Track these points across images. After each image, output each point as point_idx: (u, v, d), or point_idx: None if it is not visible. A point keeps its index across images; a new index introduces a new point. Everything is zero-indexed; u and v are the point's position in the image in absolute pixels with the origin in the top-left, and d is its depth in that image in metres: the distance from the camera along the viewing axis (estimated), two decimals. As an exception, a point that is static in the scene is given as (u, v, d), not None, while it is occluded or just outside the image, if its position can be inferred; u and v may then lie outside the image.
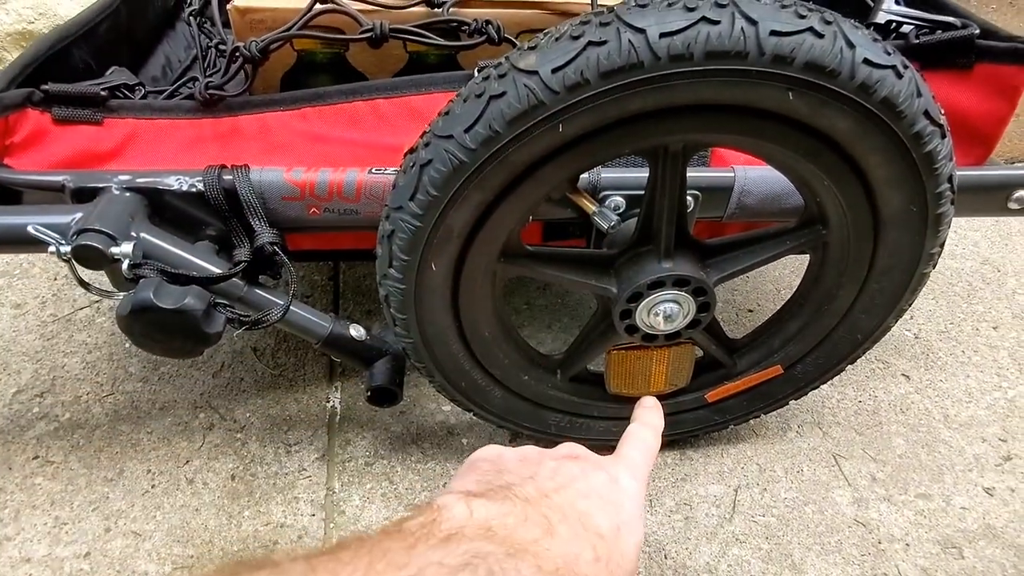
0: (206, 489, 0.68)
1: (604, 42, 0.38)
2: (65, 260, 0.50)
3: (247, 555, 0.63)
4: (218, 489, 0.68)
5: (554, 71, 0.39)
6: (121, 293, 0.54)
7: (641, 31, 0.38)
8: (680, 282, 0.52)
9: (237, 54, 0.55)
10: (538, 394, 0.63)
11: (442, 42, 0.58)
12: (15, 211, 0.54)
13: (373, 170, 0.55)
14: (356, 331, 0.63)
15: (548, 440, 0.71)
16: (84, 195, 0.54)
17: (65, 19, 1.51)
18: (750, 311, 0.90)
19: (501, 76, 0.40)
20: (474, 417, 0.66)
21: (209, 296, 0.51)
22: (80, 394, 0.78)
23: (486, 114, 0.40)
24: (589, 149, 0.43)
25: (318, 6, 0.58)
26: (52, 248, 0.50)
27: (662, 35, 0.38)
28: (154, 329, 0.50)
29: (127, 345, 0.83)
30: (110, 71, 0.66)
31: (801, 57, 0.39)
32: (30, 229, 0.50)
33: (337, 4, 0.57)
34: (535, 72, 0.39)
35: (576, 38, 0.39)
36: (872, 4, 0.60)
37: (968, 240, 1.00)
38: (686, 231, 0.53)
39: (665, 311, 0.53)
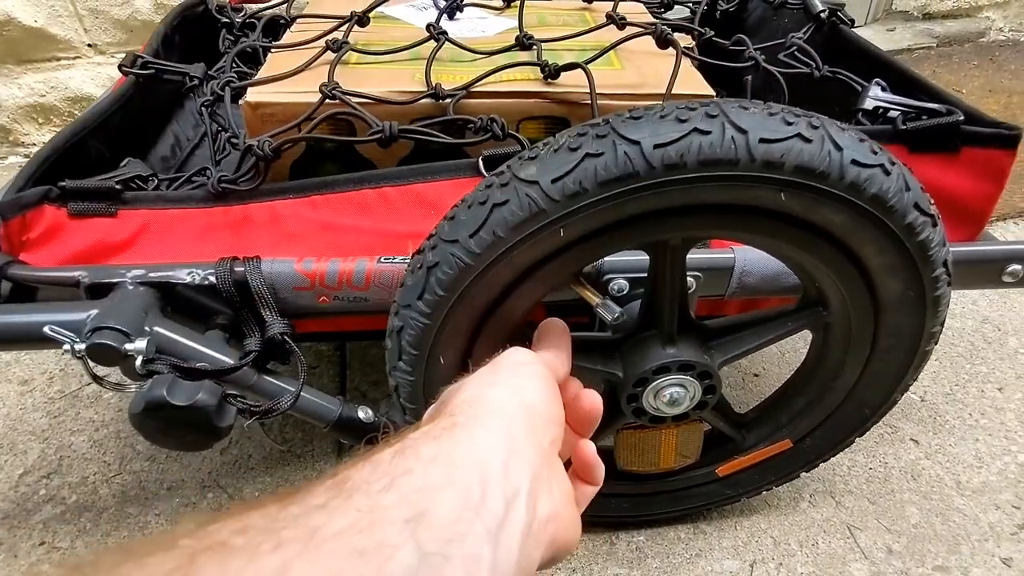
0: None
1: (600, 154, 0.40)
2: (79, 357, 0.51)
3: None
4: None
5: (554, 181, 0.40)
6: (133, 385, 0.55)
7: (636, 143, 0.40)
8: (685, 367, 0.53)
9: (251, 153, 0.57)
10: (546, 474, 0.63)
11: (449, 140, 0.60)
12: (29, 309, 0.55)
13: (382, 259, 0.57)
14: (364, 413, 0.63)
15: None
16: (98, 290, 0.55)
17: (76, 92, 1.58)
18: (756, 375, 0.90)
19: (503, 185, 0.42)
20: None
21: (220, 390, 0.52)
22: (87, 474, 0.78)
23: (490, 221, 0.42)
24: (590, 248, 0.45)
25: (328, 102, 0.61)
26: (67, 347, 0.51)
27: (656, 146, 0.40)
28: (167, 425, 0.50)
29: (135, 422, 0.84)
30: (124, 163, 0.68)
31: (791, 161, 0.41)
32: (46, 330, 0.51)
33: (345, 103, 0.60)
34: (535, 182, 0.41)
35: (574, 150, 0.41)
36: (860, 91, 0.63)
37: (967, 298, 1.01)
38: (688, 315, 0.54)
39: (671, 395, 0.54)
